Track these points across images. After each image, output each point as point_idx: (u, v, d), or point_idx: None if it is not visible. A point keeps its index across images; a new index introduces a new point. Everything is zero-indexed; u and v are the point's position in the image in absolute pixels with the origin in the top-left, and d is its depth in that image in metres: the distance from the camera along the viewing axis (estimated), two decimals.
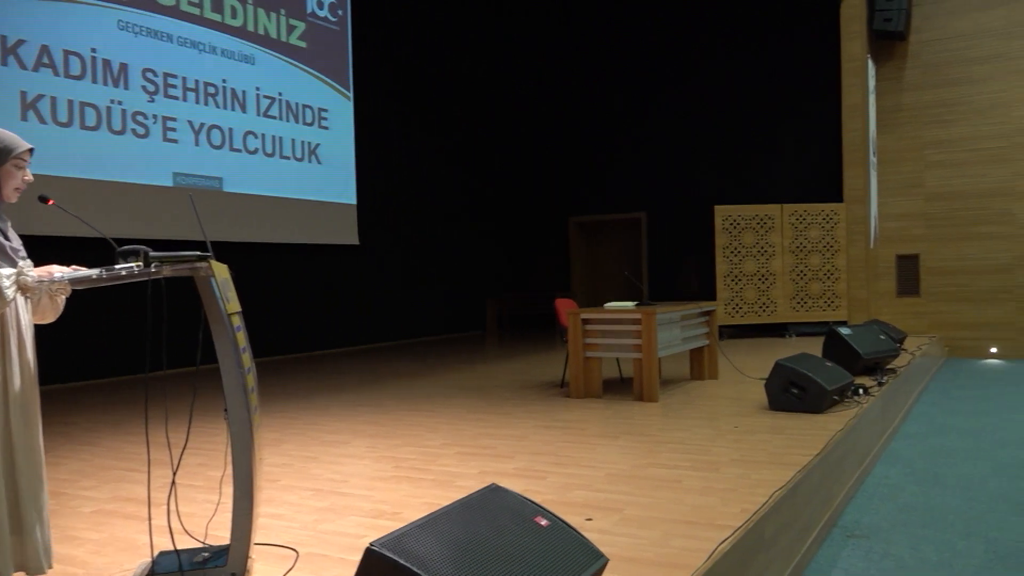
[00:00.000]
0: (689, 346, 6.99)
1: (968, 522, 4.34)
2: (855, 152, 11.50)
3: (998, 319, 11.76)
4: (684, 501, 3.45)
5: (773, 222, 11.57)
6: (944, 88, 12.09)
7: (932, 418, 7.39)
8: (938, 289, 12.16)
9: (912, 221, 12.34)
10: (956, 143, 12.01)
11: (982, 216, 11.85)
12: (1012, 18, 11.63)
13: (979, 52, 11.86)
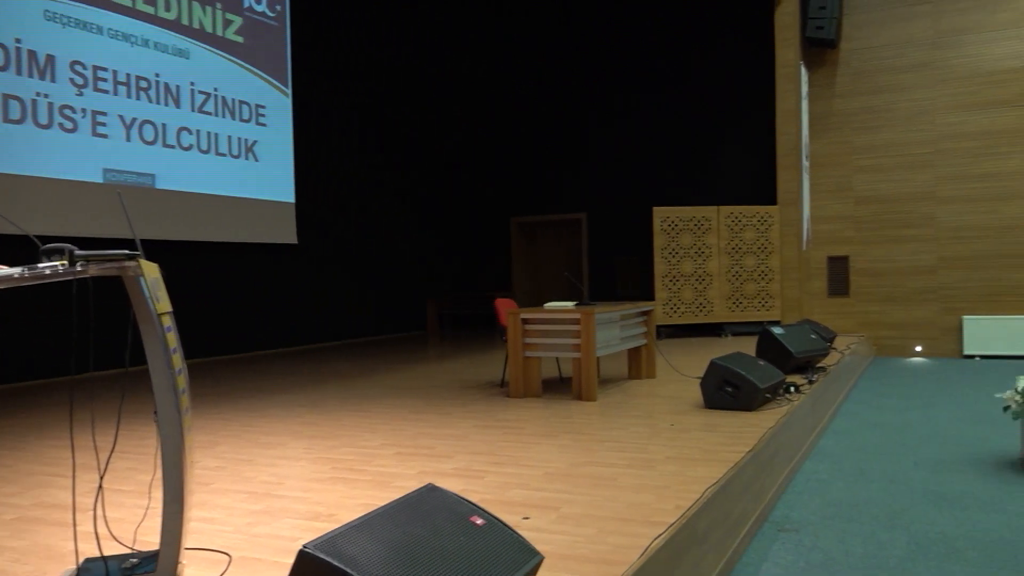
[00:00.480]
0: (627, 345, 7.08)
1: (892, 515, 4.50)
2: (788, 156, 11.80)
3: (922, 319, 12.20)
4: (620, 498, 3.50)
5: (710, 224, 11.80)
6: (872, 95, 12.49)
7: (860, 415, 7.63)
8: (866, 290, 12.56)
9: (842, 224, 12.71)
10: (883, 148, 12.41)
11: (907, 219, 12.27)
12: (937, 28, 12.08)
13: (905, 61, 12.28)
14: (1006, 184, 11.66)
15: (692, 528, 3.22)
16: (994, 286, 11.76)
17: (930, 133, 12.15)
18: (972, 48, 11.87)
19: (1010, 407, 5.44)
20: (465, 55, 14.95)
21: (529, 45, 14.44)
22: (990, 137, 11.75)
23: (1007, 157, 11.64)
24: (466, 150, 15.07)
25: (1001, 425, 6.73)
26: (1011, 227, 11.64)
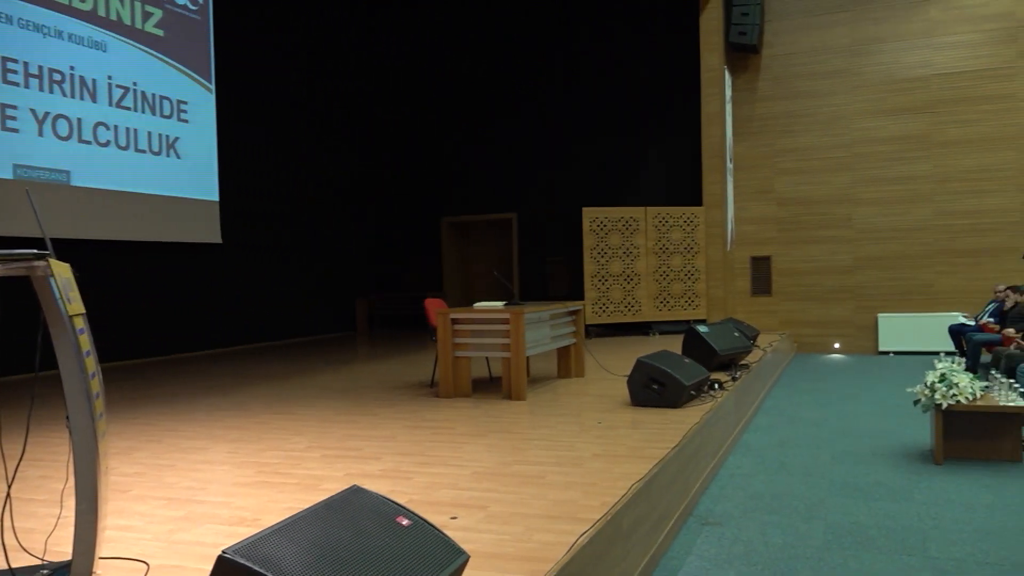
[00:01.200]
0: (557, 345, 7.14)
1: (810, 507, 4.65)
2: (713, 158, 12.07)
3: (840, 317, 12.64)
4: (547, 496, 3.53)
5: (638, 224, 11.99)
6: (793, 100, 12.87)
7: (781, 410, 7.86)
8: (788, 289, 12.94)
9: (765, 225, 13.07)
10: (803, 152, 12.81)
11: (826, 221, 12.70)
12: (853, 36, 12.52)
13: (824, 67, 12.70)
14: (916, 187, 12.17)
15: (618, 524, 3.27)
16: (905, 285, 12.26)
17: (847, 137, 12.59)
18: (886, 56, 12.35)
19: (920, 400, 5.69)
20: (396, 53, 14.84)
21: (460, 44, 14.43)
22: (902, 142, 12.24)
23: (917, 161, 12.15)
24: (397, 149, 14.96)
25: (912, 418, 7.01)
26: (920, 228, 12.16)
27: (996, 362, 8.11)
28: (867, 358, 12.04)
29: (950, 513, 4.45)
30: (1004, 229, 11.74)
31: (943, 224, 12.05)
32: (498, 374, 7.49)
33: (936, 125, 12.06)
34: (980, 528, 4.19)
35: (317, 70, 13.43)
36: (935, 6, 12.09)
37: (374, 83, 14.76)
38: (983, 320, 10.01)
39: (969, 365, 9.06)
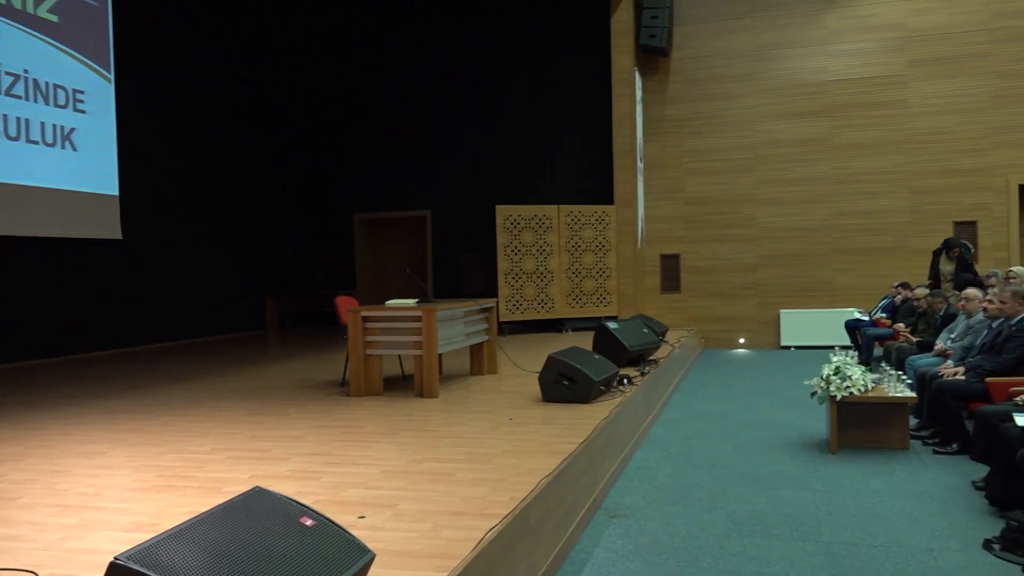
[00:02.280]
0: (470, 342, 7.16)
1: (713, 497, 4.80)
2: (624, 158, 12.30)
3: (744, 313, 13.07)
4: (456, 493, 3.54)
5: (551, 222, 12.11)
6: (701, 102, 13.23)
7: (688, 404, 8.07)
8: (696, 286, 13.29)
9: (674, 223, 13.39)
10: (710, 153, 13.18)
11: (731, 220, 13.10)
12: (757, 42, 12.95)
13: (730, 71, 13.09)
14: (815, 188, 12.68)
15: (525, 519, 3.30)
16: (806, 282, 12.77)
17: (751, 139, 13.02)
18: (788, 62, 12.82)
19: (816, 393, 5.94)
20: (305, 47, 14.57)
21: (372, 40, 14.27)
22: (802, 145, 12.74)
23: (816, 164, 12.67)
24: (309, 144, 14.69)
25: (810, 410, 7.31)
26: (819, 228, 12.68)
27: (887, 355, 8.53)
28: (770, 352, 12.49)
29: (843, 499, 4.67)
30: (895, 229, 12.35)
31: (840, 224, 12.60)
32: (410, 372, 7.45)
33: (833, 129, 12.60)
34: (870, 513, 4.41)
35: (225, 60, 13.06)
36: (832, 15, 12.62)
37: (285, 74, 14.45)
38: (876, 315, 10.53)
39: (863, 359, 9.51)
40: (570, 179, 13.23)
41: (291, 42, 14.46)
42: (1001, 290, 6.02)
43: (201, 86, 12.50)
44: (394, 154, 14.23)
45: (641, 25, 12.66)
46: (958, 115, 12.08)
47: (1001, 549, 3.76)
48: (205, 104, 12.58)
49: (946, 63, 12.12)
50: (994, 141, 11.95)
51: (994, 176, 11.97)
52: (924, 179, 12.22)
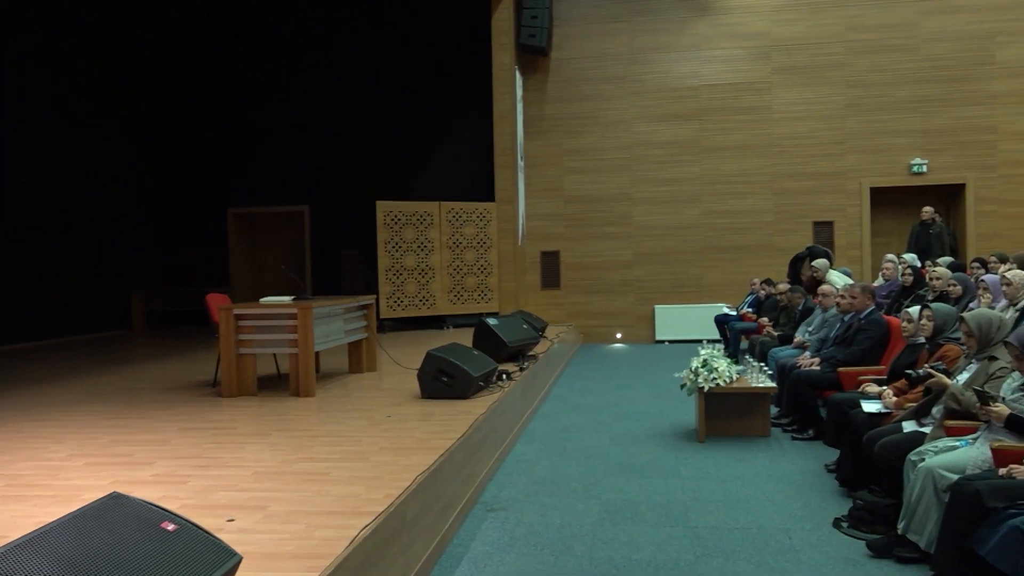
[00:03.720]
0: (348, 339, 7.06)
1: (587, 487, 4.92)
2: (505, 156, 12.41)
3: (621, 309, 13.45)
4: (331, 492, 3.49)
5: (432, 219, 12.08)
6: (579, 102, 13.50)
7: (566, 398, 8.24)
8: (575, 282, 13.57)
9: (554, 221, 13.62)
10: (588, 152, 13.49)
11: (609, 218, 13.45)
12: (632, 45, 13.34)
13: (607, 73, 13.42)
14: (686, 188, 13.19)
15: (401, 515, 3.30)
16: (678, 279, 13.27)
17: (627, 140, 13.40)
18: (660, 66, 13.27)
19: (685, 385, 6.19)
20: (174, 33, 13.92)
21: (247, 29, 13.80)
22: (674, 146, 13.22)
23: (687, 165, 13.17)
24: (178, 135, 14.06)
25: (682, 401, 7.61)
26: (690, 226, 13.20)
27: (752, 348, 8.97)
28: (645, 346, 12.90)
29: (709, 486, 4.89)
30: (760, 228, 13.01)
31: (709, 223, 13.15)
32: (286, 371, 7.27)
33: (703, 132, 13.14)
34: (733, 497, 4.64)
35: (87, 45, 12.32)
36: (703, 22, 13.15)
37: (156, 64, 13.77)
38: (743, 311, 11.06)
39: (731, 352, 9.97)
40: (452, 176, 13.23)
41: (158, 27, 13.80)
42: (852, 286, 6.45)
43: (60, 75, 11.75)
44: (270, 147, 13.82)
45: (521, 24, 12.80)
46: (816, 121, 12.83)
47: (848, 526, 4.03)
48: (63, 93, 11.83)
49: (806, 72, 12.85)
50: (849, 146, 12.77)
51: (848, 179, 12.79)
52: (785, 181, 12.92)
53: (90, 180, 12.38)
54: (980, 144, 12.49)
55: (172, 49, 13.94)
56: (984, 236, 12.35)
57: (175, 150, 14.06)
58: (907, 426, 4.19)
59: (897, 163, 12.69)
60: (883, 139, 12.67)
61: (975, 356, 4.03)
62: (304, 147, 13.67)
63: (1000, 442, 3.43)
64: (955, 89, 12.49)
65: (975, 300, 6.10)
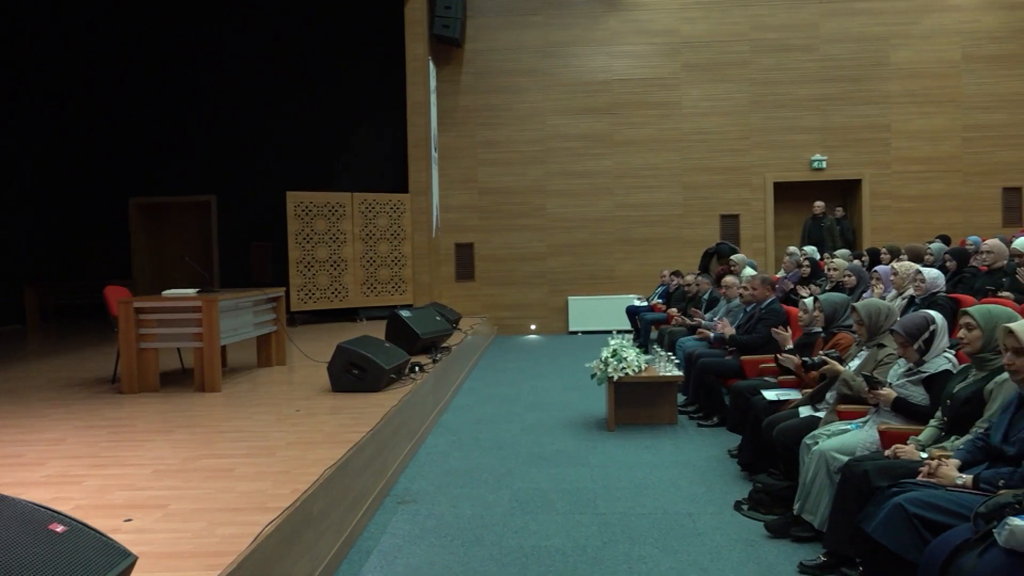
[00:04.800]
0: (257, 333, 6.91)
1: (498, 477, 4.96)
2: (419, 147, 12.31)
3: (535, 300, 13.56)
4: (235, 489, 3.41)
5: (344, 210, 11.90)
6: (493, 94, 13.52)
7: (479, 390, 8.27)
8: (489, 274, 13.61)
9: (468, 213, 13.62)
10: (502, 144, 13.52)
11: (522, 210, 13.53)
12: (545, 39, 13.43)
13: (521, 65, 13.48)
14: (599, 181, 13.39)
15: (308, 510, 3.25)
16: (591, 270, 13.46)
17: (541, 133, 13.50)
18: (574, 60, 13.41)
19: (596, 374, 6.30)
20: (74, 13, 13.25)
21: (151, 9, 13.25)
22: (587, 140, 13.39)
23: (600, 158, 13.37)
24: (76, 120, 13.40)
25: (593, 391, 7.72)
26: (603, 219, 13.41)
27: (661, 338, 9.19)
28: (559, 337, 13.05)
29: (617, 473, 4.99)
30: (669, 221, 13.32)
31: (621, 215, 13.39)
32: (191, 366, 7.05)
33: (615, 126, 13.35)
34: (640, 484, 4.75)
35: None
36: (615, 17, 13.34)
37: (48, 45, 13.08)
38: (654, 301, 11.31)
39: (641, 342, 10.18)
40: (364, 167, 13.04)
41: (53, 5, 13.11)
42: (752, 278, 6.69)
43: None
44: (175, 135, 13.32)
45: (435, 15, 12.71)
46: (723, 117, 13.21)
47: (748, 509, 4.19)
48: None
49: (713, 69, 13.20)
50: (753, 142, 13.19)
51: (753, 174, 13.22)
52: (693, 175, 13.26)
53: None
54: (875, 142, 13.10)
55: (69, 30, 13.27)
56: (879, 229, 12.97)
57: (72, 136, 13.40)
58: (803, 411, 4.37)
59: (798, 159, 13.19)
60: (785, 135, 13.15)
61: (865, 344, 4.23)
62: (211, 135, 13.23)
63: (887, 425, 3.62)
64: (852, 89, 13.05)
65: (868, 290, 6.42)
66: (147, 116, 13.33)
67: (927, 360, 3.63)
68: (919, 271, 5.45)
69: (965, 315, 3.26)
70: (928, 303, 5.07)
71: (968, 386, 3.23)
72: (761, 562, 3.54)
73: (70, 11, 13.08)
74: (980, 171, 13.02)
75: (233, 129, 13.14)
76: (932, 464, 2.89)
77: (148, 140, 13.37)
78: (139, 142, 13.39)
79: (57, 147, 13.31)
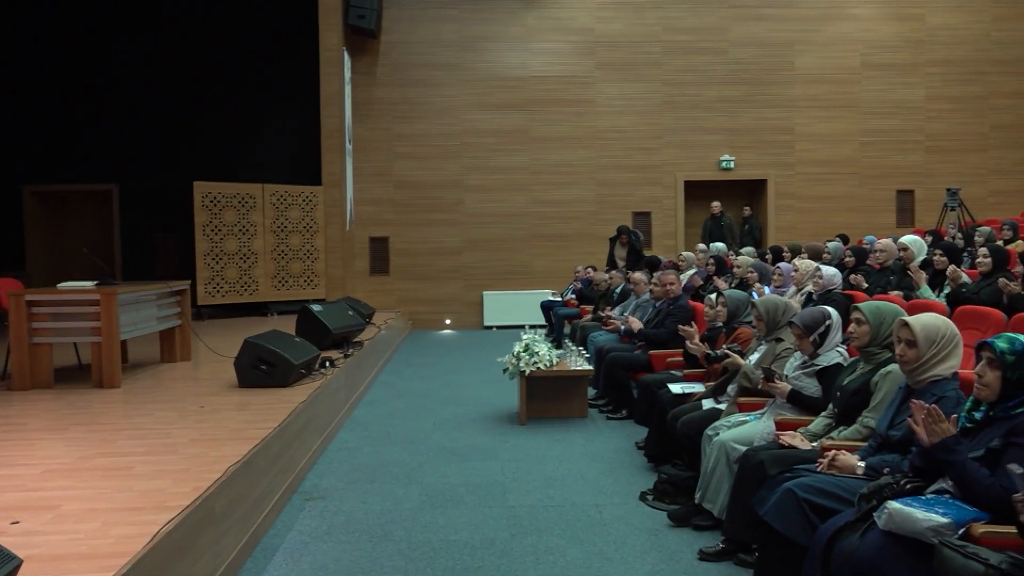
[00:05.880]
0: (160, 327, 6.69)
1: (409, 472, 4.95)
2: (332, 138, 12.11)
3: (451, 295, 13.55)
4: (133, 488, 3.31)
5: (255, 201, 11.62)
6: (410, 87, 13.41)
7: (392, 384, 8.21)
8: (404, 268, 13.52)
9: (383, 206, 13.48)
10: (419, 138, 13.44)
11: (439, 204, 13.48)
12: (463, 33, 13.40)
13: (438, 59, 13.41)
14: (515, 177, 13.46)
15: (210, 508, 3.18)
16: (507, 266, 13.53)
17: (457, 127, 13.47)
18: (490, 55, 13.43)
19: (508, 369, 6.34)
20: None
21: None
22: (503, 135, 13.43)
23: (516, 154, 13.44)
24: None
25: (506, 385, 7.74)
26: (518, 215, 13.49)
27: (573, 333, 9.31)
28: (474, 332, 13.07)
29: (527, 466, 5.04)
30: (583, 217, 13.50)
31: (536, 211, 13.50)
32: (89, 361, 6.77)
33: (531, 122, 13.44)
34: (550, 476, 4.82)
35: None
36: (532, 14, 13.42)
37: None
38: (567, 297, 11.45)
39: (555, 337, 10.30)
40: (276, 158, 12.73)
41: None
42: (664, 274, 6.85)
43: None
44: (75, 121, 12.70)
45: (350, 4, 12.51)
46: (635, 116, 13.46)
47: (653, 499, 4.30)
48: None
49: (626, 68, 13.44)
50: (665, 141, 13.49)
51: (664, 172, 13.53)
52: (607, 173, 13.48)
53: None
54: (780, 143, 13.58)
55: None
56: (783, 228, 13.46)
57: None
58: (706, 404, 4.51)
59: (708, 159, 13.56)
60: (696, 136, 13.49)
61: (764, 338, 4.39)
62: (114, 121, 12.66)
63: (783, 416, 3.77)
64: (759, 92, 13.49)
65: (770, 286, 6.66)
66: (44, 99, 12.67)
67: (821, 353, 3.80)
68: (818, 268, 5.68)
69: (855, 310, 3.43)
70: (825, 299, 5.29)
71: (856, 378, 3.40)
72: (663, 550, 3.64)
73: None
74: (876, 174, 13.66)
75: (137, 115, 12.61)
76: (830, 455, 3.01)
77: (44, 125, 12.71)
78: (34, 126, 12.72)
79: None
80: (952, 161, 13.67)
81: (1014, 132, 13.74)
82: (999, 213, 12.50)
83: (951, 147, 13.70)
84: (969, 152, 13.73)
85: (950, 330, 2.92)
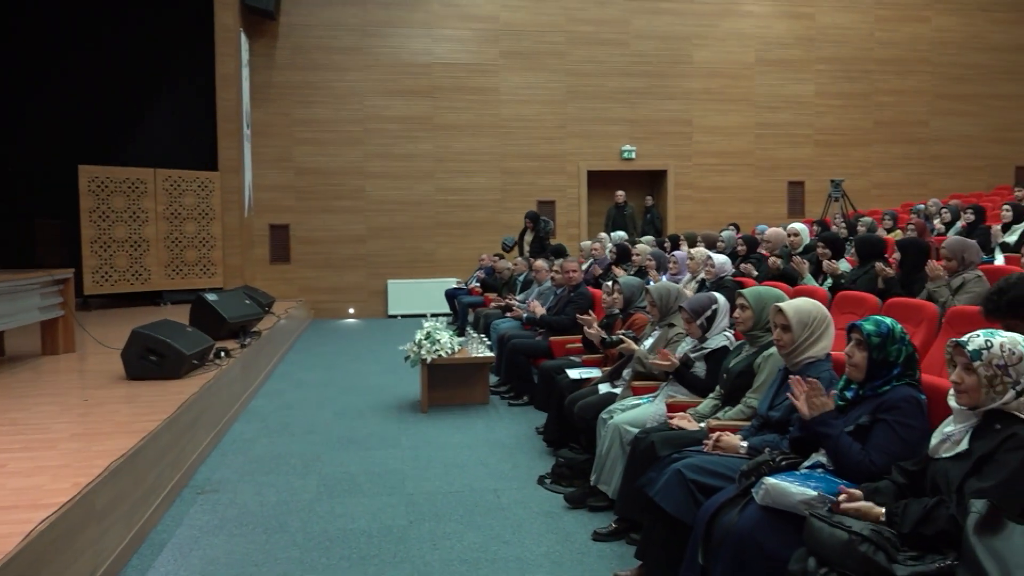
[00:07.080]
0: (40, 317, 6.36)
1: (307, 463, 4.87)
2: (229, 123, 11.71)
3: (354, 284, 13.36)
4: (6, 486, 3.15)
5: (146, 187, 11.15)
6: (310, 71, 13.10)
7: (292, 375, 8.05)
8: (306, 257, 13.24)
9: (283, 193, 13.16)
10: (320, 123, 13.16)
11: (341, 191, 13.26)
12: (365, 18, 13.18)
13: (340, 43, 13.15)
14: (419, 164, 13.36)
15: (90, 504, 3.05)
16: (411, 254, 13.43)
17: (360, 113, 13.26)
18: (394, 40, 13.25)
19: (409, 357, 6.32)
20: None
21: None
22: (407, 122, 13.30)
23: (420, 141, 13.33)
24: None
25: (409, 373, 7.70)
26: (423, 202, 13.40)
27: (477, 321, 9.34)
28: (378, 321, 12.94)
29: (428, 454, 5.04)
30: (487, 205, 13.53)
31: (441, 199, 13.44)
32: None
33: (436, 109, 13.35)
34: (450, 463, 4.83)
35: None
36: (437, 0, 13.31)
37: None
38: (472, 285, 11.47)
39: (459, 325, 10.31)
40: (169, 142, 12.21)
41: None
42: (565, 262, 6.94)
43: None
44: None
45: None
46: (540, 105, 13.56)
47: (551, 483, 4.37)
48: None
49: (530, 57, 13.50)
50: (569, 131, 13.64)
51: (568, 162, 13.69)
52: (512, 161, 13.54)
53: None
54: (678, 135, 13.93)
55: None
56: (681, 217, 13.83)
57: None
58: (603, 388, 4.61)
59: (610, 148, 13.79)
60: (598, 126, 13.70)
61: (658, 323, 4.51)
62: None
63: (674, 399, 3.89)
64: (658, 84, 13.80)
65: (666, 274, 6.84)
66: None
67: (709, 337, 3.93)
68: (709, 257, 5.87)
69: (739, 296, 3.56)
70: (716, 286, 5.47)
71: (741, 361, 3.54)
72: (559, 532, 3.71)
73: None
74: (769, 166, 14.19)
75: (14, 94, 11.88)
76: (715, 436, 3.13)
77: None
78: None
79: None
80: (839, 155, 14.33)
81: (895, 128, 14.52)
82: (881, 204, 13.21)
83: (838, 141, 14.36)
84: (854, 146, 14.43)
85: (821, 313, 3.07)
